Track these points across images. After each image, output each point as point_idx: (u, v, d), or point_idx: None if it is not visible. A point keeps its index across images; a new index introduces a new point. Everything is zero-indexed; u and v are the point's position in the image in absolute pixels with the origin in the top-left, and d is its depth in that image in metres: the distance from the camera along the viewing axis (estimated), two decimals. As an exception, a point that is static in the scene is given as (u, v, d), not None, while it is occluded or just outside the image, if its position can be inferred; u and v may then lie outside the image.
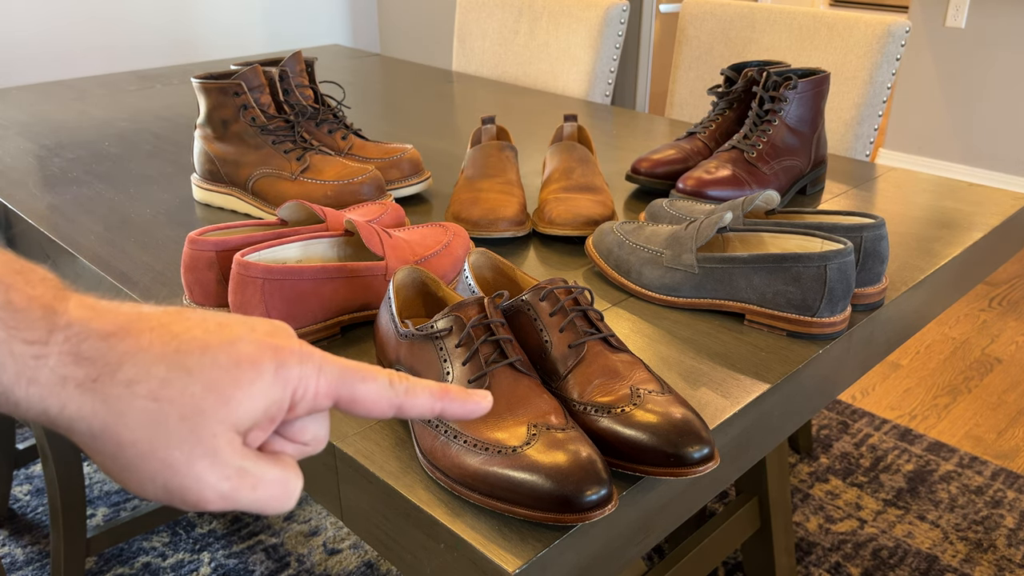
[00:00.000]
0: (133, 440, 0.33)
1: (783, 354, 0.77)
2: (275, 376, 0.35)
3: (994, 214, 1.12)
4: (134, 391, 0.33)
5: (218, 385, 0.34)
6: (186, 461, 0.33)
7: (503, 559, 0.54)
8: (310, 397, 0.36)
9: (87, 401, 0.32)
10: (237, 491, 0.35)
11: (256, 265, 0.73)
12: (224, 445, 0.34)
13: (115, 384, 0.33)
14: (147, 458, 0.33)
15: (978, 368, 2.25)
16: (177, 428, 0.33)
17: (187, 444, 0.33)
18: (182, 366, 0.34)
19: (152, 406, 0.33)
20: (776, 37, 1.67)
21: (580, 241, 1.02)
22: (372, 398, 0.38)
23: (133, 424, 0.33)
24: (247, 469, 0.35)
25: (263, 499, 0.36)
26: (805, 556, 1.59)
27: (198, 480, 0.34)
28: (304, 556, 1.59)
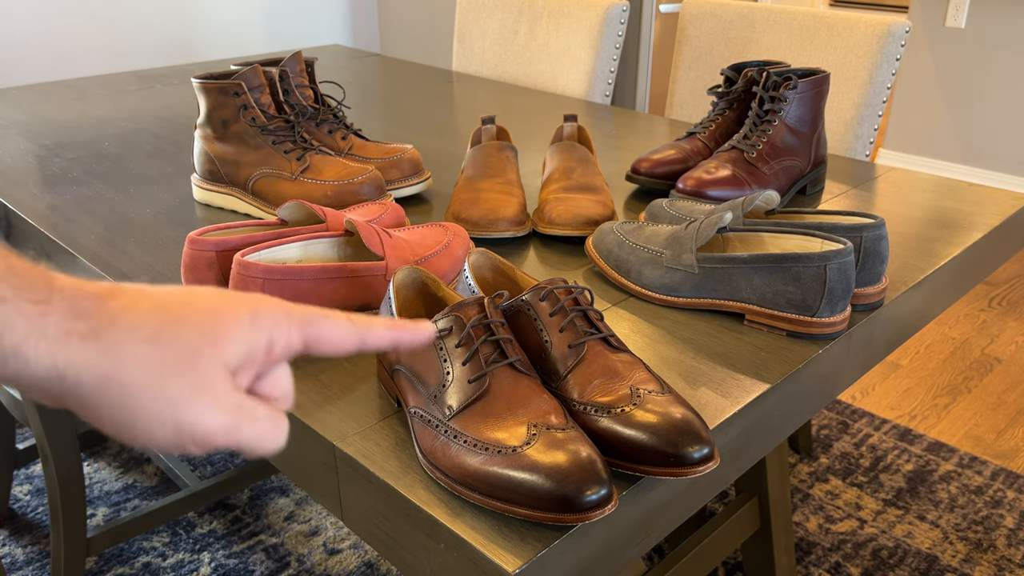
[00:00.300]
0: (138, 382, 0.36)
1: (783, 354, 0.77)
2: (252, 321, 0.39)
3: (994, 214, 1.12)
4: (134, 336, 0.36)
5: (206, 329, 0.38)
6: (189, 396, 0.37)
7: (503, 559, 0.54)
8: (284, 338, 0.40)
9: (92, 350, 0.35)
10: (238, 424, 0.38)
11: (256, 265, 0.73)
12: (220, 382, 0.38)
13: (116, 332, 0.36)
14: (153, 397, 0.36)
15: (978, 368, 2.25)
16: (176, 366, 0.37)
17: (188, 380, 0.37)
18: (172, 316, 0.38)
19: (152, 349, 0.36)
20: (776, 37, 1.67)
21: (580, 241, 1.02)
22: (338, 333, 0.42)
23: (136, 367, 0.36)
24: (243, 405, 0.39)
25: (260, 434, 0.39)
26: (805, 556, 1.59)
27: (203, 413, 0.37)
28: (304, 556, 1.59)
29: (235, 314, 0.39)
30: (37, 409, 1.25)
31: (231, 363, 0.38)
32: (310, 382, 0.73)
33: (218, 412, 0.38)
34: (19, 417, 1.36)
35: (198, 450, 0.38)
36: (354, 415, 0.68)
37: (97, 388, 0.36)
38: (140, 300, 0.37)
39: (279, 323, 0.40)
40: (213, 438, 0.38)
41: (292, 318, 0.41)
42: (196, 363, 0.37)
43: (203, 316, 0.38)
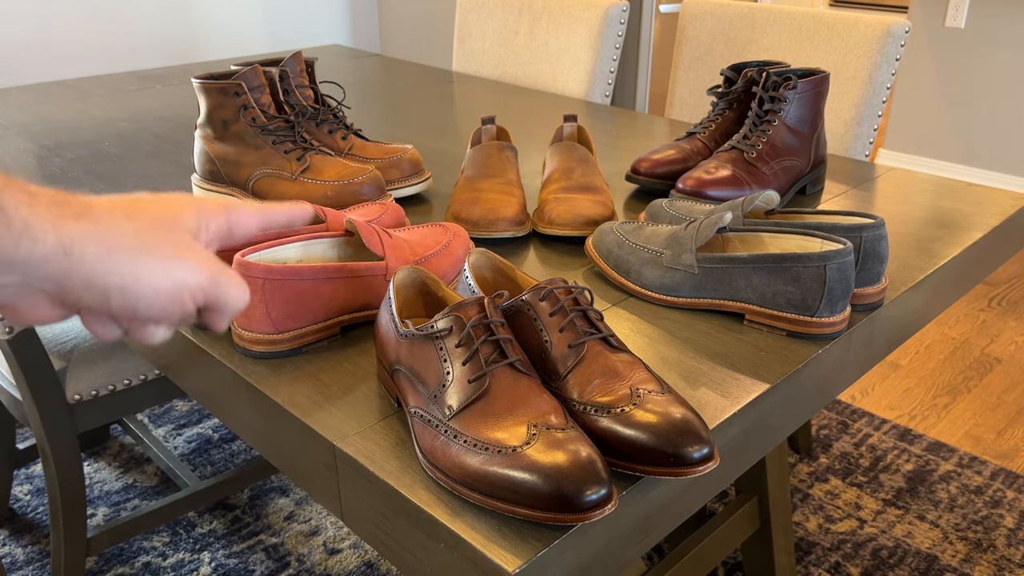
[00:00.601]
0: (132, 246, 0.43)
1: (783, 354, 0.77)
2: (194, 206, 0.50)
3: (993, 214, 1.12)
4: (113, 216, 0.44)
5: (164, 211, 0.47)
6: (176, 252, 0.46)
7: (503, 559, 0.54)
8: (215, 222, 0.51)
9: (87, 226, 0.42)
10: (217, 276, 0.47)
11: (256, 265, 0.73)
12: (194, 243, 0.48)
13: (98, 214, 0.43)
14: (149, 257, 0.44)
15: (978, 368, 2.25)
16: (156, 233, 0.45)
17: (171, 241, 0.46)
18: (133, 204, 0.46)
19: (131, 223, 0.44)
20: (776, 37, 1.67)
21: (580, 241, 1.02)
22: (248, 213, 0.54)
23: (125, 236, 0.43)
24: (215, 259, 0.49)
25: (233, 286, 0.49)
26: (805, 556, 1.59)
27: (192, 266, 0.46)
28: (304, 556, 1.59)
29: (180, 202, 0.49)
30: (37, 409, 1.25)
31: (193, 233, 0.48)
32: (310, 382, 0.73)
33: (203, 264, 0.47)
34: (19, 417, 1.36)
35: (193, 302, 0.46)
36: (354, 415, 0.69)
37: (100, 257, 0.42)
38: (99, 199, 0.45)
39: (210, 212, 0.51)
40: (202, 287, 0.46)
41: (219, 206, 0.52)
42: (170, 230, 0.46)
43: (156, 205, 0.47)
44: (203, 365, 0.81)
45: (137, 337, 0.49)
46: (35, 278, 0.41)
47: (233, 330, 0.77)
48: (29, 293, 0.42)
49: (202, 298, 0.47)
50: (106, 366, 1.32)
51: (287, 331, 0.76)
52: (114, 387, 1.32)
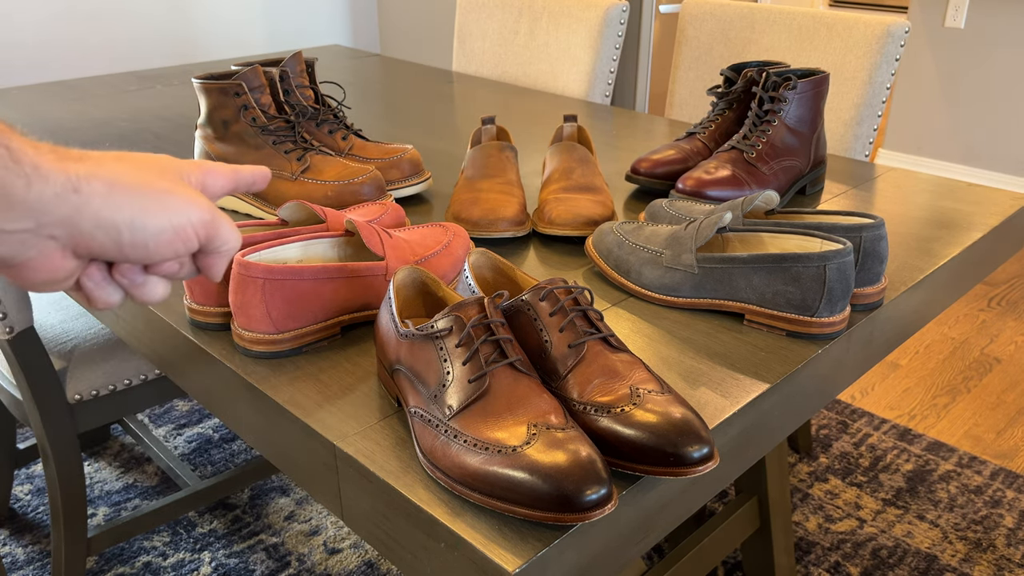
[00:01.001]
0: (134, 181, 0.45)
1: (782, 354, 0.77)
2: (174, 162, 0.50)
3: (993, 214, 1.12)
4: (106, 160, 0.44)
5: (150, 158, 0.48)
6: (174, 186, 0.47)
7: (503, 558, 0.54)
8: (191, 173, 0.51)
9: (88, 166, 0.43)
10: (214, 213, 0.49)
11: (257, 265, 0.73)
12: (187, 185, 0.49)
13: (93, 159, 0.44)
14: (154, 192, 0.45)
15: (977, 368, 2.25)
16: (151, 173, 0.46)
17: (166, 178, 0.47)
18: (123, 156, 0.46)
19: (126, 165, 0.45)
20: (776, 37, 1.67)
21: (580, 241, 1.02)
22: (220, 173, 0.54)
23: (125, 174, 0.45)
24: (208, 200, 0.50)
25: (229, 224, 0.50)
26: (804, 556, 1.59)
27: (191, 199, 0.47)
28: (305, 555, 1.59)
29: (161, 156, 0.50)
30: (38, 409, 1.25)
31: (184, 178, 0.49)
32: (310, 382, 0.73)
33: (200, 199, 0.48)
34: (20, 417, 1.36)
35: (196, 238, 0.48)
36: (354, 415, 0.69)
37: (108, 194, 0.43)
38: (87, 151, 0.45)
39: (190, 165, 0.51)
40: (204, 220, 0.48)
41: (194, 163, 0.52)
42: (161, 171, 0.47)
43: (142, 156, 0.48)
44: (203, 365, 0.81)
45: (139, 295, 0.49)
46: (46, 223, 0.41)
47: (233, 330, 0.77)
48: (39, 241, 0.42)
49: (203, 233, 0.48)
50: (106, 366, 1.32)
51: (287, 331, 0.76)
52: (114, 387, 1.32)
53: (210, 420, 2.00)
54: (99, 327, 1.39)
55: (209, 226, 0.48)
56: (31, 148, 0.40)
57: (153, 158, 0.48)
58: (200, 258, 0.50)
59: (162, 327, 0.86)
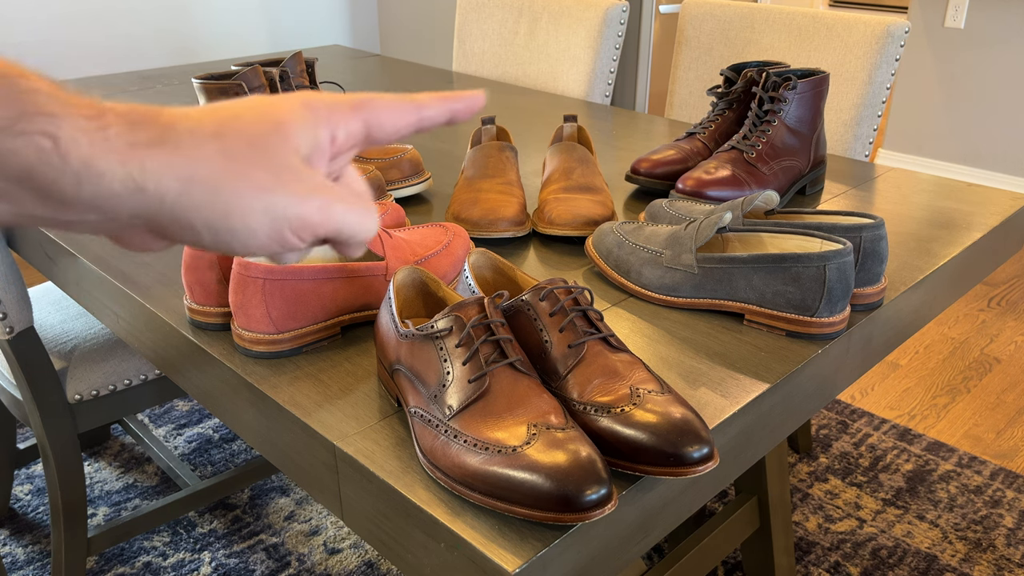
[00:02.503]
0: (220, 176, 0.35)
1: (782, 354, 0.77)
2: (305, 109, 0.38)
3: (993, 214, 1.12)
4: (196, 135, 0.35)
5: (264, 119, 0.37)
6: (274, 180, 0.36)
7: (503, 558, 0.54)
8: (343, 125, 0.39)
9: (162, 155, 0.34)
10: (329, 203, 0.37)
11: (257, 265, 0.73)
12: (298, 164, 0.37)
13: (178, 135, 0.34)
14: (240, 189, 0.35)
15: (977, 368, 2.25)
16: (250, 154, 0.36)
17: (266, 165, 0.36)
18: (226, 115, 0.36)
19: (219, 144, 0.35)
20: (775, 38, 1.67)
21: (580, 241, 1.02)
22: (393, 109, 0.41)
23: (210, 162, 0.35)
24: (327, 184, 0.38)
25: (352, 213, 0.39)
26: (804, 556, 1.59)
27: (292, 194, 0.36)
28: (305, 555, 1.59)
29: (288, 105, 0.38)
30: (38, 409, 1.25)
31: (301, 150, 0.37)
32: (310, 382, 0.73)
33: (307, 193, 0.37)
34: (20, 417, 1.36)
35: (298, 239, 0.37)
36: (354, 415, 0.69)
37: (181, 193, 0.34)
38: (190, 110, 0.36)
39: (335, 110, 0.39)
40: (309, 221, 0.37)
41: (345, 104, 0.40)
42: (267, 149, 0.36)
43: (256, 111, 0.37)
44: (203, 365, 0.81)
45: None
46: (116, 215, 0.34)
47: (233, 330, 0.77)
48: (120, 227, 0.35)
49: (309, 235, 0.37)
50: (106, 366, 1.32)
51: (287, 331, 0.76)
52: (114, 387, 1.32)
53: (210, 420, 2.00)
54: (99, 327, 1.39)
55: (320, 225, 0.38)
56: (88, 131, 0.32)
57: (270, 121, 0.37)
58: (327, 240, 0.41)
59: (162, 327, 0.86)
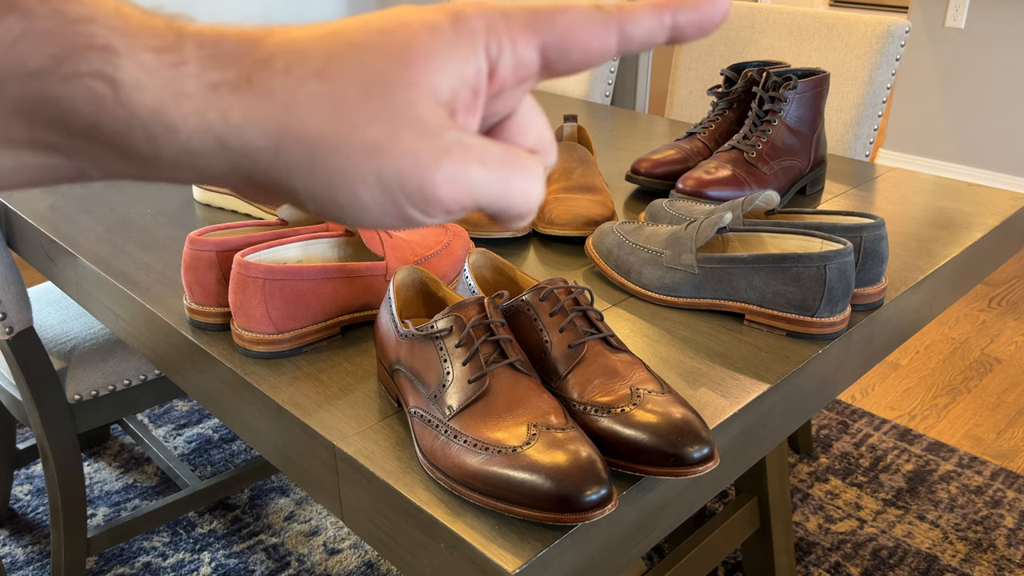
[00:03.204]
0: (319, 132, 0.26)
1: (783, 354, 0.77)
2: (455, 30, 0.27)
3: (993, 214, 1.12)
4: (296, 75, 0.26)
5: (392, 49, 0.27)
6: (389, 137, 0.26)
7: (503, 559, 0.54)
8: (508, 49, 0.28)
9: (250, 102, 0.25)
10: (466, 167, 0.27)
11: (257, 265, 0.73)
12: (427, 113, 0.27)
13: (272, 74, 0.26)
14: (344, 149, 0.26)
15: (977, 368, 2.25)
16: (363, 103, 0.26)
17: (383, 118, 0.26)
18: (343, 40, 0.27)
19: (324, 87, 0.26)
20: (776, 37, 1.67)
21: (580, 241, 1.02)
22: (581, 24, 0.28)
23: (311, 113, 0.26)
24: (466, 141, 0.27)
25: (500, 179, 0.28)
26: (805, 556, 1.59)
27: (414, 157, 0.26)
28: (304, 556, 1.59)
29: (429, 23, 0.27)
30: (38, 409, 1.25)
31: (438, 90, 0.27)
32: (310, 382, 0.73)
33: (434, 155, 0.26)
34: (19, 417, 1.36)
35: (424, 214, 0.27)
36: (354, 415, 0.69)
37: (274, 152, 0.26)
38: (300, 31, 0.27)
39: (495, 25, 0.28)
40: (436, 191, 0.27)
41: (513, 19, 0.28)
42: (387, 94, 0.26)
43: (385, 33, 0.27)
44: (203, 365, 0.81)
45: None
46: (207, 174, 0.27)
47: (233, 330, 0.77)
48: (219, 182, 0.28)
49: (439, 211, 0.27)
50: (106, 366, 1.32)
51: (287, 331, 0.76)
52: (114, 387, 1.32)
53: (210, 420, 2.00)
54: (99, 327, 1.39)
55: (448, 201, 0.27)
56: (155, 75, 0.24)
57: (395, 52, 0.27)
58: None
59: (161, 327, 0.86)
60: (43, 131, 0.24)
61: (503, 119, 0.31)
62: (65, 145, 0.25)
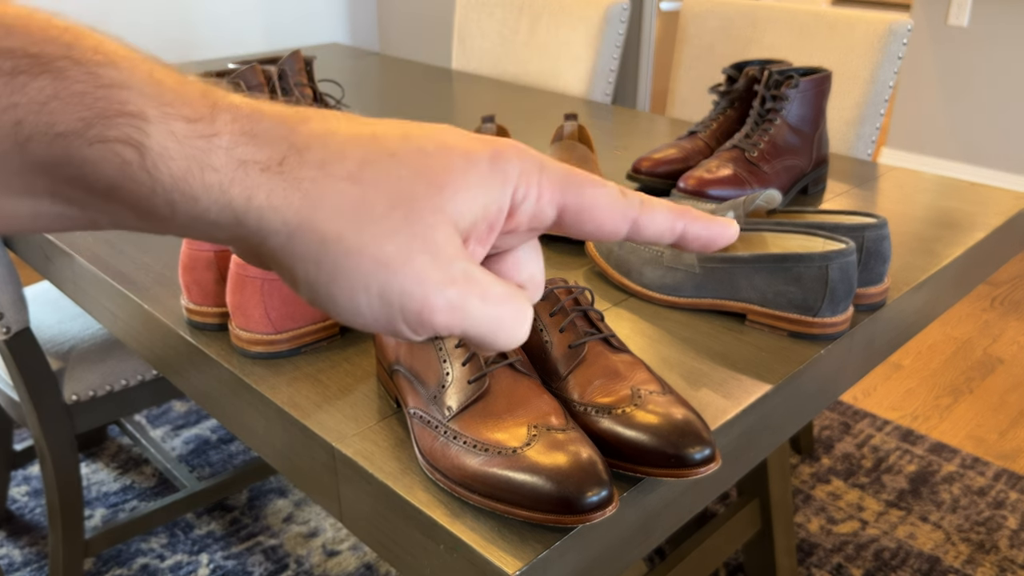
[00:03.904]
0: (338, 233, 0.26)
1: (784, 354, 0.76)
2: (491, 167, 0.28)
3: (996, 214, 1.11)
4: (329, 172, 0.26)
5: (428, 170, 0.27)
6: (403, 257, 0.27)
7: (503, 561, 0.53)
8: (533, 199, 0.29)
9: (277, 187, 0.26)
10: (466, 299, 0.28)
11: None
12: (444, 241, 0.27)
13: (305, 166, 0.26)
14: (357, 256, 0.27)
15: (980, 368, 2.24)
16: (387, 217, 0.27)
17: (401, 236, 0.27)
18: (382, 148, 0.27)
19: (354, 190, 0.26)
20: (778, 35, 1.66)
21: (580, 241, 1.02)
22: (604, 205, 0.30)
23: (334, 213, 0.26)
24: (473, 275, 0.28)
25: (493, 316, 0.28)
26: (807, 557, 1.59)
27: (420, 281, 0.27)
28: (303, 557, 1.58)
29: (469, 154, 0.28)
30: (35, 410, 1.24)
31: (460, 219, 0.28)
32: (309, 383, 0.73)
33: (439, 282, 0.27)
34: (17, 418, 1.35)
35: (412, 332, 0.28)
36: (353, 416, 0.68)
37: (287, 238, 0.26)
38: (343, 125, 0.27)
39: (528, 175, 0.29)
40: (431, 316, 0.27)
41: (546, 174, 0.29)
42: (411, 214, 0.27)
43: (425, 153, 0.28)
44: (201, 366, 0.80)
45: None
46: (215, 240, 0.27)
47: (231, 330, 0.76)
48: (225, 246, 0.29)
49: (427, 332, 0.28)
50: (104, 367, 1.31)
51: (286, 331, 0.75)
52: (112, 388, 1.31)
53: (208, 421, 1.99)
54: (96, 327, 1.38)
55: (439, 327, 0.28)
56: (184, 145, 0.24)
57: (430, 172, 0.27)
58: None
59: (159, 327, 0.85)
60: (64, 187, 0.25)
61: (503, 252, 0.32)
62: (83, 200, 0.25)
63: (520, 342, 0.30)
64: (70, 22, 0.24)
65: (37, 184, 0.24)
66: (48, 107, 0.23)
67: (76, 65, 0.23)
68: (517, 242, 0.32)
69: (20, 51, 0.23)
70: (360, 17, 3.91)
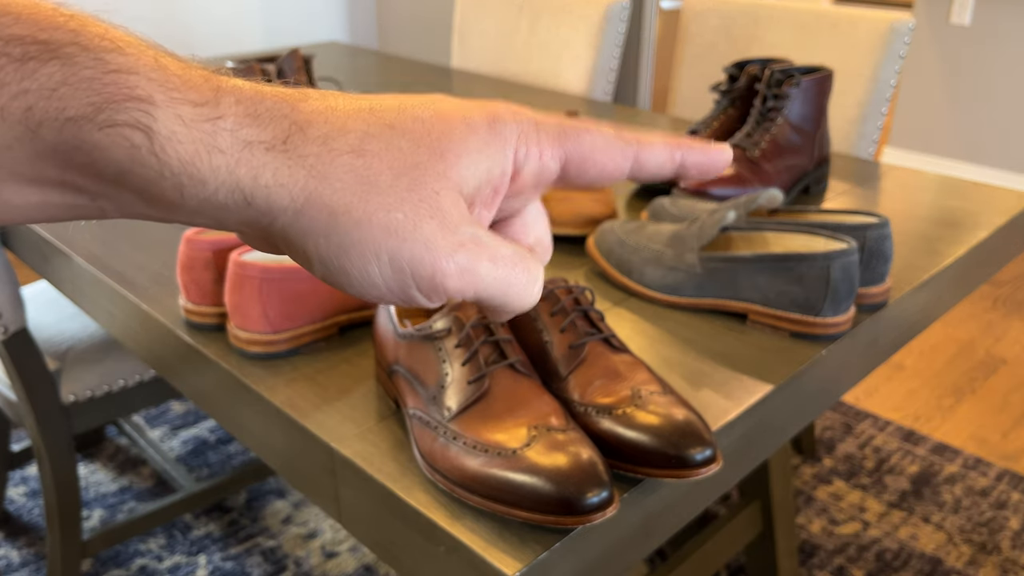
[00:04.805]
0: (346, 204, 0.27)
1: (786, 355, 0.76)
2: (490, 131, 0.29)
3: (999, 213, 1.11)
4: (332, 147, 0.27)
5: (427, 138, 0.28)
6: (411, 223, 0.27)
7: (503, 562, 0.53)
8: (535, 157, 0.30)
9: (282, 165, 0.26)
10: (476, 262, 0.28)
11: (253, 265, 0.72)
12: (450, 207, 0.28)
13: (309, 142, 0.27)
14: (366, 225, 0.27)
15: (983, 369, 2.23)
16: (392, 185, 0.27)
17: (408, 203, 0.27)
18: (381, 121, 0.28)
19: (358, 162, 0.27)
20: (779, 34, 1.66)
21: (581, 241, 1.01)
22: (603, 147, 0.31)
23: (340, 185, 0.27)
24: (481, 238, 0.29)
25: (504, 278, 0.29)
26: (808, 559, 1.58)
27: (429, 246, 0.28)
28: (302, 559, 1.58)
29: (466, 120, 0.29)
30: (33, 410, 1.24)
31: (463, 184, 0.29)
32: (308, 383, 0.72)
33: (448, 246, 0.28)
34: (14, 418, 1.35)
35: (426, 299, 0.29)
36: (352, 417, 0.67)
37: (295, 214, 0.27)
38: (342, 102, 0.28)
39: (527, 135, 0.30)
40: (443, 281, 0.28)
41: (544, 131, 0.30)
42: (416, 181, 0.28)
43: (423, 122, 0.28)
44: (199, 366, 0.80)
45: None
46: (224, 224, 0.28)
47: (229, 330, 0.76)
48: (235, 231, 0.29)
49: (440, 298, 0.29)
50: (101, 367, 1.31)
51: (284, 331, 0.74)
52: (109, 388, 1.31)
53: (206, 422, 1.99)
54: (94, 328, 1.38)
55: (452, 290, 0.29)
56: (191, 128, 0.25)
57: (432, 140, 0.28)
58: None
59: (157, 327, 0.84)
60: (74, 174, 0.25)
61: (510, 215, 0.33)
62: (92, 188, 0.25)
63: (532, 303, 0.31)
64: (75, 10, 0.25)
65: (47, 172, 0.25)
66: (58, 93, 0.23)
67: (84, 51, 0.24)
68: (523, 203, 0.32)
69: (29, 38, 0.23)
70: (359, 15, 3.90)
